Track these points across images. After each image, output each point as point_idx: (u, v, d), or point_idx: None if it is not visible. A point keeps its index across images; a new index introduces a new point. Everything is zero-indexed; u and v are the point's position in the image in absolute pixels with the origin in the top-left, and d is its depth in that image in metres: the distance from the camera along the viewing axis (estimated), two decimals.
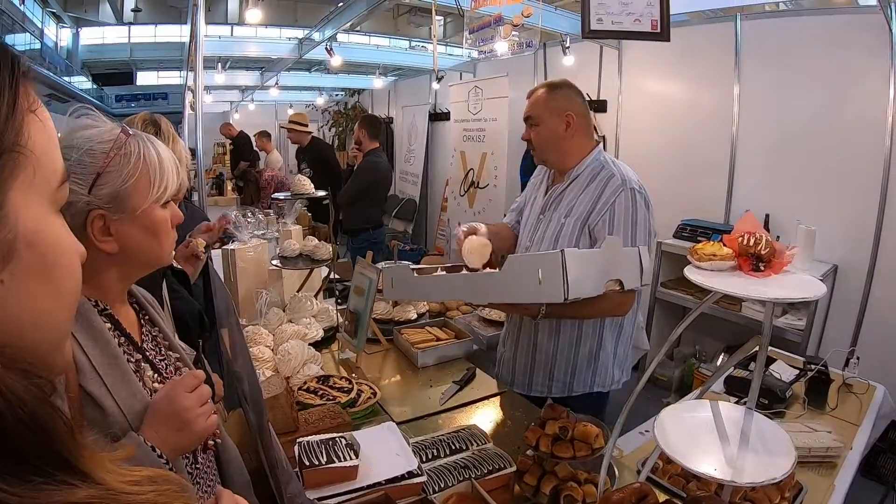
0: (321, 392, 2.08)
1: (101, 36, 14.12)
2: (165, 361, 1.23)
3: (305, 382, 2.17)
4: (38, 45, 12.33)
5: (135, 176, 1.06)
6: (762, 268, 1.22)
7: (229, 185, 9.16)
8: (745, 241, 1.23)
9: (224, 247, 3.23)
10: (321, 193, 2.85)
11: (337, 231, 6.15)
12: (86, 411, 0.99)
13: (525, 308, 2.08)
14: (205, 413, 1.07)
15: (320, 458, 1.43)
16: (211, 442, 1.23)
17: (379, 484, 1.45)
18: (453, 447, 1.73)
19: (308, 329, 2.69)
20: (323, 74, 9.87)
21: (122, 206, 1.06)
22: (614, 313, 2.19)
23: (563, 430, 1.60)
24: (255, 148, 9.24)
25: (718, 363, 4.35)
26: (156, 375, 1.16)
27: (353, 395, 2.04)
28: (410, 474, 1.48)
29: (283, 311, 2.92)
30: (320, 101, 11.27)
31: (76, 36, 13.94)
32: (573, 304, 1.51)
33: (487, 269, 1.95)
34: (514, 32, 4.62)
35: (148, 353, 1.18)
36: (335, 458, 1.43)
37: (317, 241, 3.27)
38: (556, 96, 2.21)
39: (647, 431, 2.30)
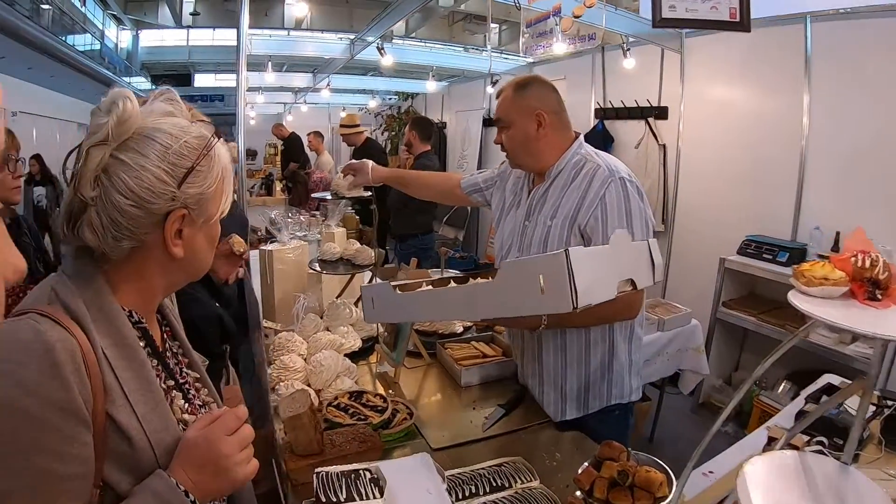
0: (352, 410, 1.90)
1: (161, 38, 14.48)
2: (186, 383, 1.08)
3: (336, 398, 2.00)
4: (98, 46, 12.76)
5: (216, 182, 0.98)
6: (879, 296, 1.00)
7: (278, 186, 9.16)
8: (859, 263, 1.01)
9: (262, 247, 3.11)
10: (366, 194, 2.69)
11: (385, 235, 6.03)
12: (110, 442, 0.86)
13: (523, 321, 1.90)
14: (246, 459, 0.93)
15: (339, 495, 1.24)
16: None
17: None
18: (494, 483, 1.53)
19: (345, 339, 2.53)
20: (376, 77, 9.81)
21: (202, 210, 0.96)
22: (624, 317, 1.98)
23: (622, 475, 1.39)
24: (306, 149, 9.24)
25: (779, 391, 4.05)
26: (186, 405, 1.02)
27: (386, 415, 1.86)
28: None
29: (321, 317, 2.77)
30: (373, 104, 11.23)
31: (136, 38, 14.36)
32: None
33: (479, 279, 1.76)
34: (568, 38, 4.42)
35: (179, 378, 1.05)
36: (356, 496, 1.25)
37: (359, 244, 3.12)
38: (524, 95, 2.03)
39: (710, 472, 2.05)
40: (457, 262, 6.72)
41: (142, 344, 0.95)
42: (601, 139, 5.75)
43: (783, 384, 4.08)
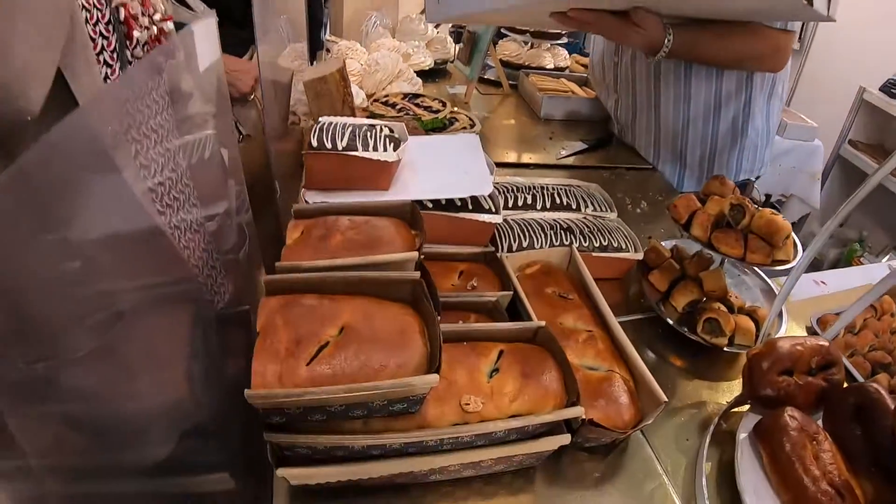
0: (401, 106, 1.52)
1: None
2: None
3: (387, 96, 1.63)
4: None
5: None
6: None
7: None
8: None
9: None
10: None
11: None
12: None
13: (637, 35, 1.26)
14: None
15: (337, 142, 0.87)
16: None
17: (422, 204, 0.89)
18: (557, 202, 1.14)
19: (414, 52, 2.12)
20: None
21: None
22: (766, 65, 1.42)
23: (735, 212, 0.98)
24: None
25: (885, 261, 3.52)
26: None
27: (442, 115, 1.48)
28: (477, 206, 0.92)
29: (393, 37, 2.36)
30: None
31: None
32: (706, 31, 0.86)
33: None
34: None
35: None
36: (359, 146, 0.88)
37: None
38: None
39: (823, 283, 1.64)
40: None
41: None
42: None
43: (889, 255, 3.54)
